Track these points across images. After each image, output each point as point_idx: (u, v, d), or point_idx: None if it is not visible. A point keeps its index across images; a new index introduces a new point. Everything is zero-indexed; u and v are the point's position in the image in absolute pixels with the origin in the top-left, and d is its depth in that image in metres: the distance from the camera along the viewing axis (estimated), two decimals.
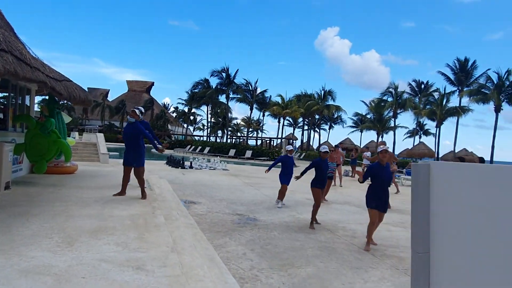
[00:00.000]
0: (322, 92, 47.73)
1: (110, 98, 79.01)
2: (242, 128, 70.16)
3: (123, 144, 7.56)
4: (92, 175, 10.99)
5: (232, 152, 34.79)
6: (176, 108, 66.52)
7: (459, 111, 35.03)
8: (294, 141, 52.94)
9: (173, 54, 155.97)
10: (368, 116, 47.29)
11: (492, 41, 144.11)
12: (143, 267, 3.43)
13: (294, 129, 58.28)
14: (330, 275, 4.42)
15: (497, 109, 32.37)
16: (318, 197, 7.04)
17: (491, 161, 30.78)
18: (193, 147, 39.43)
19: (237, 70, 46.13)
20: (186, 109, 62.95)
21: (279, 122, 54.51)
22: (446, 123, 36.97)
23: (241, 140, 54.05)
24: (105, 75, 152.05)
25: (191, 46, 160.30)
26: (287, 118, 52.60)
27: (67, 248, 3.87)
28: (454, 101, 37.55)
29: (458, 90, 37.60)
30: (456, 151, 38.44)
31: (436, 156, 37.90)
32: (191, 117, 66.88)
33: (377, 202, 5.72)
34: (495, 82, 32.26)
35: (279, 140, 47.86)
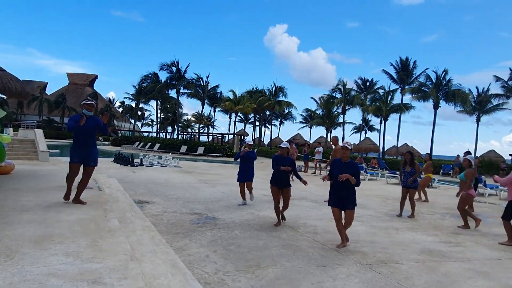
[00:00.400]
0: (274, 88, 48.15)
1: (49, 91, 73.88)
2: (192, 124, 68.93)
3: (64, 140, 6.82)
4: (31, 175, 10.04)
5: (183, 148, 33.95)
6: (123, 103, 63.67)
7: (403, 107, 37.02)
8: (246, 137, 53.00)
9: (117, 46, 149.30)
10: (318, 112, 48.49)
11: (428, 43, 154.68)
12: (100, 281, 3.06)
13: (245, 125, 58.33)
14: (298, 275, 4.30)
15: (436, 106, 34.66)
16: (274, 196, 6.86)
17: (431, 156, 32.80)
18: (142, 143, 37.92)
19: (188, 64, 44.89)
20: (133, 104, 60.47)
21: (230, 117, 54.27)
22: (388, 119, 38.84)
23: (192, 136, 53.03)
24: (42, 66, 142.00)
25: (137, 39, 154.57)
26: (239, 114, 52.48)
27: (7, 262, 3.37)
28: (397, 99, 39.66)
29: (400, 88, 39.69)
30: (398, 145, 40.66)
31: (382, 150, 39.80)
32: (139, 113, 64.44)
33: (336, 200, 5.59)
34: (434, 81, 34.51)
35: (231, 136, 47.61)
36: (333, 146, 11.22)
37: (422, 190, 11.18)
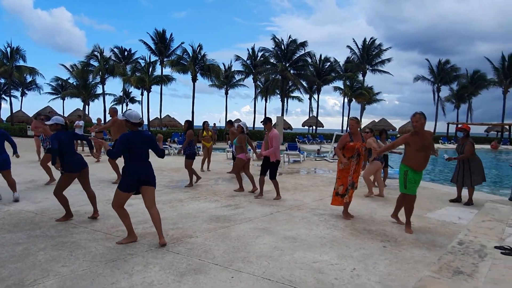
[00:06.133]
0: (9, 49, 38.83)
1: None
2: None
3: None
4: None
5: None
6: None
7: (165, 79, 37.53)
8: None
9: None
10: (71, 82, 42.91)
11: (179, 19, 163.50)
12: None
13: None
14: (83, 281, 3.34)
15: (194, 79, 36.98)
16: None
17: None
18: None
19: None
20: None
21: None
22: (150, 91, 38.74)
23: None
24: None
25: None
26: None
27: None
28: (157, 70, 39.77)
29: (159, 60, 39.98)
30: (161, 117, 41.47)
31: (147, 122, 39.44)
32: None
33: (135, 180, 4.40)
34: (191, 55, 36.52)
35: None
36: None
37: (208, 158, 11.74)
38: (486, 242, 4.87)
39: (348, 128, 6.09)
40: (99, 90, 41.53)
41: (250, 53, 42.82)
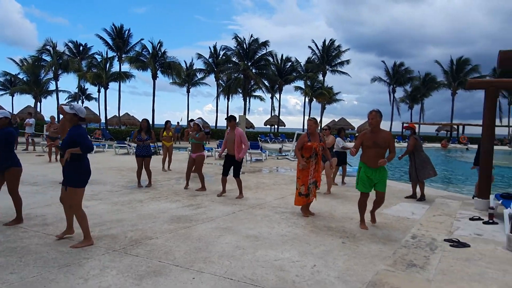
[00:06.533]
0: None
1: None
2: None
3: None
4: None
5: None
6: None
7: (123, 76, 36.25)
8: None
9: None
10: (21, 77, 40.40)
11: (139, 14, 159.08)
12: None
13: None
14: None
15: (154, 77, 36.05)
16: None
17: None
18: None
19: None
20: None
21: None
22: (108, 88, 37.29)
23: None
24: None
25: None
26: None
27: None
28: (115, 67, 38.38)
29: (117, 56, 38.53)
30: (120, 115, 40.10)
31: (104, 120, 37.95)
32: None
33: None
34: (151, 51, 35.57)
35: None
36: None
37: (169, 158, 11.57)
38: (437, 235, 5.14)
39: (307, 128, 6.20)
40: (52, 86, 39.46)
41: (212, 51, 42.44)
